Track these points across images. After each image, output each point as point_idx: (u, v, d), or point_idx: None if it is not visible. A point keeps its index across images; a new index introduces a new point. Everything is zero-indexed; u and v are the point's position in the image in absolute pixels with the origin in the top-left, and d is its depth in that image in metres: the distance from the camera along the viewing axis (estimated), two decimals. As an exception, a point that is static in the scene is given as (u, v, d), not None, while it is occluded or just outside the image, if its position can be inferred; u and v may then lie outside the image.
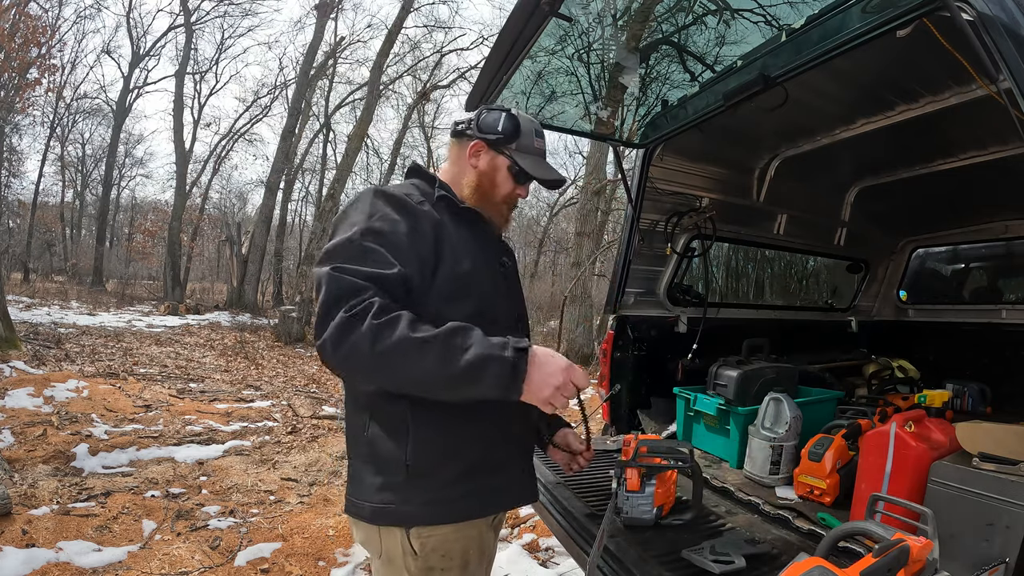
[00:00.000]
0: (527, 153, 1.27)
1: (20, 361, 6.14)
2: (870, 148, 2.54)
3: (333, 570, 2.69)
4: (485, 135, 1.24)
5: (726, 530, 1.52)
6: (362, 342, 0.92)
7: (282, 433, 4.92)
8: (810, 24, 1.53)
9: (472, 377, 0.93)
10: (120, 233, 26.49)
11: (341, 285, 0.98)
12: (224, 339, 10.72)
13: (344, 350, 0.94)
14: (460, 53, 23.06)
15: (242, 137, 22.90)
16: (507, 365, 0.93)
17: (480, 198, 1.26)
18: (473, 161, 1.26)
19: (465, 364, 0.92)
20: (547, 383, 0.96)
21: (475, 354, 0.93)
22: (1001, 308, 3.12)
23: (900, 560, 0.89)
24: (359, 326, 0.93)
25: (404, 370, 0.94)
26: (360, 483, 1.12)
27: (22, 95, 12.47)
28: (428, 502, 1.08)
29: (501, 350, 0.94)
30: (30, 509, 2.93)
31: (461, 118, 1.31)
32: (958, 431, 1.40)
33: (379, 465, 1.10)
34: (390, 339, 0.92)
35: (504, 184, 1.27)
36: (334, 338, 0.94)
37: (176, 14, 19.56)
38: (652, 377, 2.63)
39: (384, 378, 0.98)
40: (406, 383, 0.98)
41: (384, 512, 1.08)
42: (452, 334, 0.95)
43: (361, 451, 1.13)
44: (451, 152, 1.32)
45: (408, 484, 1.07)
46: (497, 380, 0.93)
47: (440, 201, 1.20)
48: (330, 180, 17.85)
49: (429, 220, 1.13)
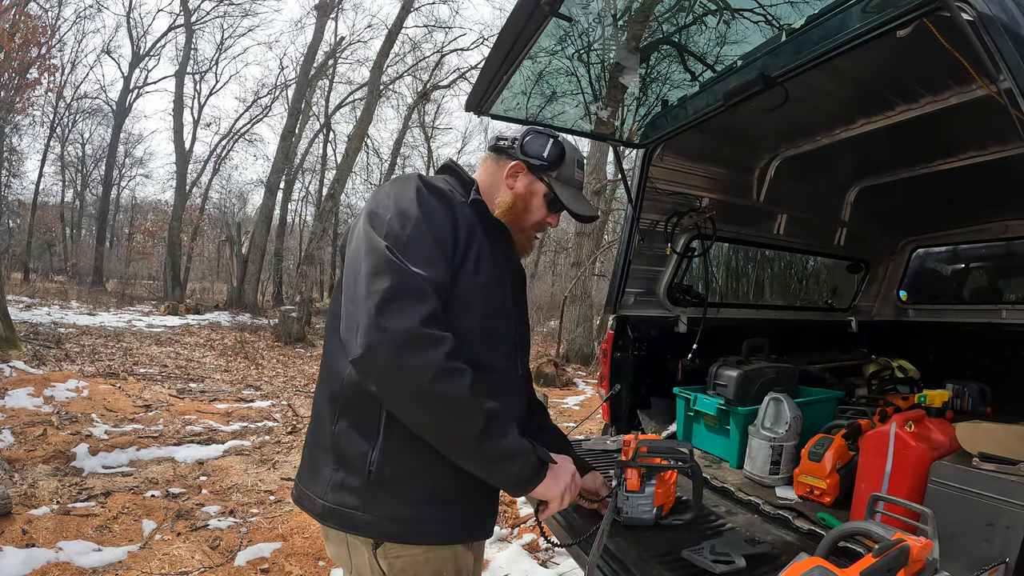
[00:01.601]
0: (567, 184, 1.25)
1: (20, 361, 6.14)
2: (870, 148, 2.54)
3: (333, 570, 2.69)
4: (528, 158, 1.21)
5: (726, 530, 1.52)
6: (424, 373, 0.90)
7: (282, 433, 4.92)
8: (810, 24, 1.53)
9: (501, 461, 1.00)
10: (120, 233, 26.51)
11: (405, 278, 0.94)
12: (224, 339, 10.72)
13: (399, 366, 0.91)
14: (460, 53, 23.12)
15: (242, 137, 22.95)
16: (531, 467, 1.03)
17: (510, 220, 1.23)
18: (510, 182, 1.23)
19: (502, 449, 0.99)
20: (552, 490, 1.09)
21: (512, 445, 1.00)
22: (1001, 308, 3.12)
23: (900, 560, 0.89)
24: (429, 353, 0.91)
25: (446, 422, 0.95)
26: (316, 475, 1.08)
27: (22, 95, 12.47)
28: (391, 517, 1.02)
29: (531, 452, 1.04)
30: (30, 509, 2.93)
31: (504, 134, 1.27)
32: (958, 431, 1.40)
33: (340, 461, 1.05)
34: (451, 387, 0.92)
35: (537, 211, 1.24)
36: (398, 345, 0.90)
37: (176, 14, 19.59)
38: (652, 377, 2.63)
39: (418, 414, 0.95)
40: (437, 433, 0.97)
41: (337, 514, 1.03)
42: (498, 416, 0.98)
43: (324, 441, 1.08)
44: (486, 164, 1.28)
45: (367, 490, 1.02)
46: (519, 473, 1.03)
47: (474, 205, 1.16)
48: (330, 180, 17.86)
49: (466, 221, 1.10)
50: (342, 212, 21.27)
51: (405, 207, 1.03)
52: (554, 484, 1.08)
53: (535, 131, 1.24)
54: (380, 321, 0.90)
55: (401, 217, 1.02)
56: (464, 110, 1.86)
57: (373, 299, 0.92)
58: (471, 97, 1.79)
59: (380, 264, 0.95)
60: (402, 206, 1.03)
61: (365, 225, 1.03)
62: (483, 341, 1.07)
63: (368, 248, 0.99)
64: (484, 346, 1.08)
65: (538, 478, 1.05)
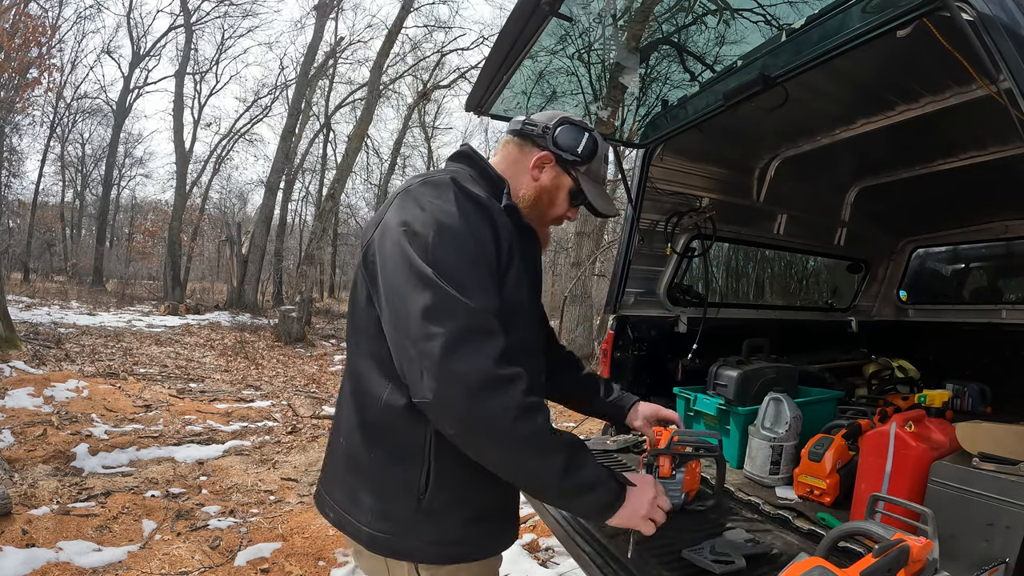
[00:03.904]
0: (594, 180, 1.19)
1: (20, 361, 6.14)
2: (870, 148, 2.54)
3: (333, 570, 2.69)
4: (560, 151, 1.13)
5: (726, 530, 1.52)
6: (504, 416, 0.85)
7: (282, 433, 4.92)
8: (810, 24, 1.53)
9: (582, 492, 0.96)
10: (120, 233, 26.50)
11: (468, 316, 0.86)
12: (224, 339, 10.72)
13: (479, 412, 0.85)
14: (460, 53, 23.13)
15: (242, 137, 22.95)
16: (612, 492, 0.99)
17: (533, 214, 1.15)
18: (535, 173, 1.14)
19: (583, 480, 0.95)
20: (636, 514, 1.02)
21: (592, 474, 0.96)
22: (1001, 308, 3.12)
23: (900, 560, 0.89)
24: (508, 395, 0.86)
25: (528, 462, 0.91)
26: (355, 502, 1.03)
27: (22, 95, 12.48)
28: (438, 542, 1.00)
29: (610, 478, 1.00)
30: (30, 509, 2.93)
31: (535, 119, 1.16)
32: (958, 431, 1.40)
33: (383, 490, 1.00)
34: (533, 427, 0.88)
35: (561, 205, 1.18)
36: (475, 392, 0.84)
37: (176, 14, 19.64)
38: (652, 377, 2.63)
39: (504, 456, 0.91)
40: (516, 472, 0.93)
41: (383, 542, 1.00)
42: (576, 446, 0.95)
43: (360, 468, 1.04)
44: (508, 151, 1.18)
45: (415, 518, 0.98)
46: (598, 500, 0.98)
47: (509, 211, 1.07)
48: (330, 180, 17.86)
49: (506, 232, 1.01)
50: (342, 212, 21.30)
51: (447, 222, 0.92)
52: (635, 509, 1.02)
53: (569, 121, 1.15)
54: (450, 366, 0.83)
55: (444, 236, 0.91)
56: (464, 110, 1.86)
57: (437, 341, 0.84)
58: (471, 97, 1.79)
59: (436, 300, 0.86)
60: (444, 220, 0.93)
61: (402, 241, 0.92)
62: (520, 355, 1.01)
63: (415, 276, 0.89)
64: (521, 360, 1.04)
65: (618, 503, 1.00)
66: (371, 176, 23.90)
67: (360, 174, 23.25)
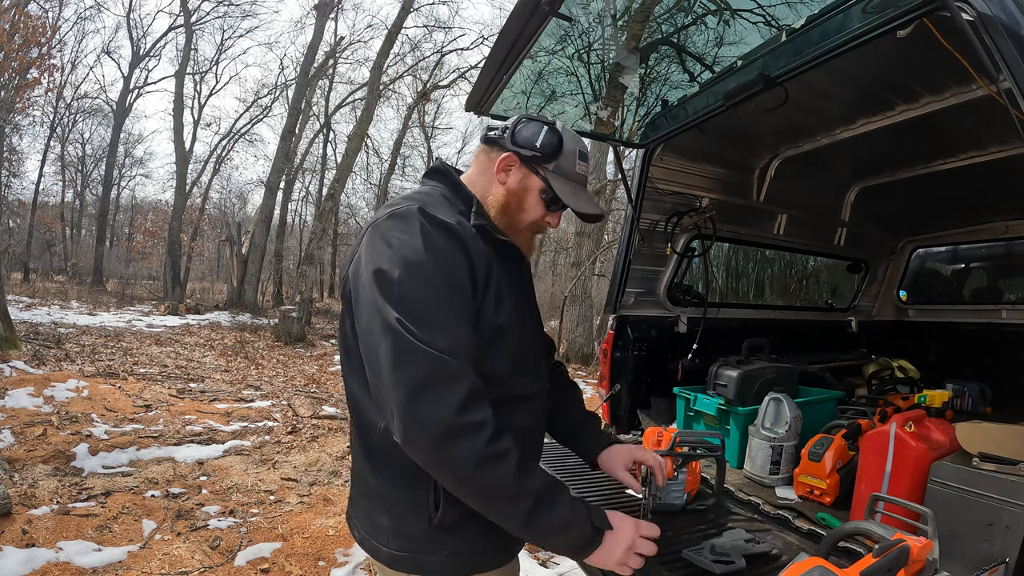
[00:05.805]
0: (566, 178, 1.10)
1: (20, 361, 6.14)
2: (870, 148, 2.54)
3: (333, 570, 2.69)
4: (519, 148, 1.07)
5: (726, 530, 1.52)
6: (466, 464, 0.86)
7: (282, 433, 4.92)
8: (810, 24, 1.53)
9: (552, 535, 0.95)
10: (120, 233, 26.50)
11: (430, 363, 0.86)
12: (224, 339, 10.72)
13: (440, 459, 0.87)
14: (460, 53, 23.11)
15: (242, 137, 22.94)
16: (584, 536, 0.97)
17: (505, 221, 1.09)
18: (501, 176, 1.09)
19: (553, 525, 0.93)
20: (611, 557, 0.99)
21: (563, 518, 0.94)
22: (1001, 308, 3.12)
23: (900, 560, 0.89)
24: (469, 444, 0.86)
25: (493, 506, 0.92)
26: (373, 524, 1.06)
27: (22, 95, 12.47)
28: (456, 554, 1.02)
29: (585, 520, 0.96)
30: (30, 509, 2.93)
31: (496, 123, 1.14)
32: (958, 431, 1.40)
33: (395, 512, 1.02)
34: (496, 475, 0.88)
35: (533, 209, 1.10)
36: (436, 440, 0.85)
37: (176, 15, 19.61)
38: (652, 377, 2.63)
39: (469, 499, 0.92)
40: (486, 512, 0.93)
41: (404, 560, 1.02)
42: (547, 492, 0.93)
43: (370, 492, 1.06)
44: (479, 161, 1.14)
45: (431, 535, 1.00)
46: (572, 543, 0.97)
47: (479, 231, 1.03)
48: (330, 180, 17.86)
49: (481, 257, 0.99)
50: (342, 212, 21.30)
51: (414, 259, 0.91)
52: (609, 553, 1.00)
53: (527, 118, 1.10)
54: (413, 414, 0.85)
55: (411, 274, 0.90)
56: (464, 110, 1.86)
57: (401, 388, 0.85)
58: (471, 97, 1.79)
59: (400, 348, 0.86)
60: (410, 257, 0.91)
61: (371, 283, 0.91)
62: (514, 373, 1.00)
63: (380, 321, 0.89)
64: (516, 377, 1.02)
65: (591, 547, 0.98)
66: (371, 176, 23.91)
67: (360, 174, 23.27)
